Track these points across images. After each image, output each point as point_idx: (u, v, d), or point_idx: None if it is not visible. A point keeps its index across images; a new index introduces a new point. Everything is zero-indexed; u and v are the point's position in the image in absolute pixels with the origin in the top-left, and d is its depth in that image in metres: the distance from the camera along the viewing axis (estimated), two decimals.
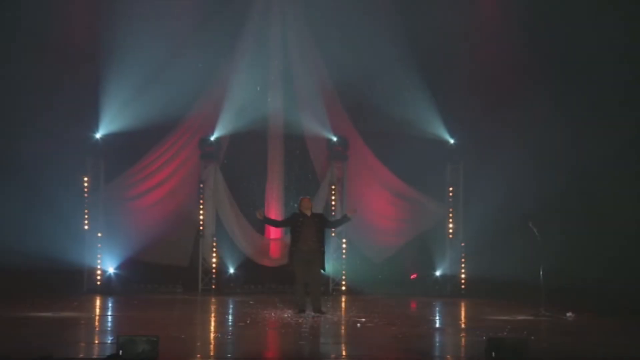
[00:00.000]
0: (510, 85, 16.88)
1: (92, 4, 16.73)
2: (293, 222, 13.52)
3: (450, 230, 17.37)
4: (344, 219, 14.11)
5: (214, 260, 16.98)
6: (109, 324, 12.74)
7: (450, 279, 17.23)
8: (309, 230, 13.33)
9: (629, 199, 16.36)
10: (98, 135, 16.62)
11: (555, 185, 16.34)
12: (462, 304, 15.79)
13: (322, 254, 13.46)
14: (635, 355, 10.04)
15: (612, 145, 16.45)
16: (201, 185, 17.00)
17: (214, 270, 16.97)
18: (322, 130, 16.99)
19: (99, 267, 16.62)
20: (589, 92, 16.47)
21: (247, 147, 17.31)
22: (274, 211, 16.90)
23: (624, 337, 11.48)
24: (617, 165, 16.31)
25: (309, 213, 13.53)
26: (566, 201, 16.62)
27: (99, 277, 16.62)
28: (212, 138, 16.89)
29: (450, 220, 17.39)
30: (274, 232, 17.26)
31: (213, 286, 16.90)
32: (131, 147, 16.79)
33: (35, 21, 16.13)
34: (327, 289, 16.71)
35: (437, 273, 17.28)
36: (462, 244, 17.23)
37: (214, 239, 17.04)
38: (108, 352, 9.29)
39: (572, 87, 16.62)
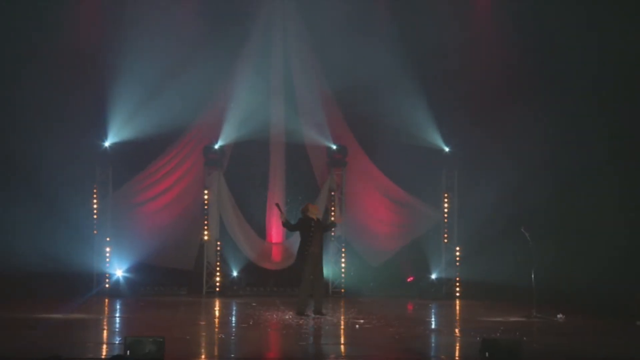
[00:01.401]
0: (502, 96, 17.06)
1: (102, 17, 16.93)
2: (306, 227, 13.71)
3: (446, 235, 17.55)
4: (332, 224, 15.15)
5: (217, 263, 17.25)
6: (117, 325, 12.94)
7: (446, 282, 17.36)
8: (317, 235, 13.68)
9: (621, 202, 16.53)
10: (106, 144, 16.82)
11: (546, 191, 16.55)
12: (457, 306, 16.04)
13: (322, 257, 13.88)
14: (627, 356, 10.23)
15: (605, 149, 16.72)
16: (205, 191, 17.19)
17: (217, 273, 17.20)
18: (322, 138, 17.18)
19: (107, 270, 16.81)
20: (585, 97, 16.75)
21: (249, 154, 17.53)
22: (276, 216, 16.91)
23: (615, 338, 11.70)
24: (607, 170, 16.52)
25: (316, 218, 13.90)
26: (557, 206, 16.77)
27: (107, 280, 16.82)
28: (216, 146, 17.08)
29: (446, 225, 17.57)
30: (275, 236, 17.49)
31: (217, 289, 17.13)
32: (138, 155, 16.97)
33: (46, 33, 16.33)
34: (327, 291, 16.73)
35: (433, 276, 17.38)
36: (457, 248, 17.42)
37: (218, 243, 17.28)
38: (115, 352, 9.54)
39: (565, 93, 16.88)
